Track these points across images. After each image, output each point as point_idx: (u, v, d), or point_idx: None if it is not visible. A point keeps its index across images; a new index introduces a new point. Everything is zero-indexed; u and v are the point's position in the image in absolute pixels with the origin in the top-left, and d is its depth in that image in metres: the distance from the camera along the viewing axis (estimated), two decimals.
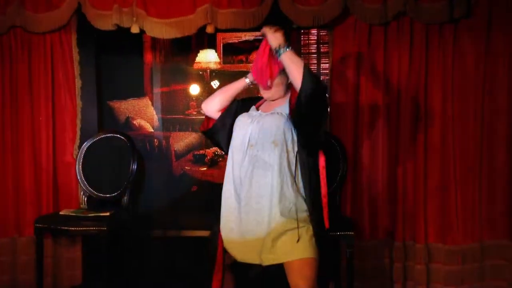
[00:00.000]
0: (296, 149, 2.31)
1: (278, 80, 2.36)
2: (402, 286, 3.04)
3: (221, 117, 2.51)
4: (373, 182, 3.05)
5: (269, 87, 2.36)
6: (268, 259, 2.25)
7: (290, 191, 2.28)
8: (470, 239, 2.99)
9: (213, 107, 2.52)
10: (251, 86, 2.54)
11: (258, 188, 2.28)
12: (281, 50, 2.23)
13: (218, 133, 2.51)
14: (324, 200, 2.37)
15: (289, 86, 2.42)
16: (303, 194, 2.30)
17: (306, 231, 2.25)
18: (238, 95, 2.55)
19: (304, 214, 2.29)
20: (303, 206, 2.29)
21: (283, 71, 2.32)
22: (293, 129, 2.31)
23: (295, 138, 2.31)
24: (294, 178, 2.30)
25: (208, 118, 2.57)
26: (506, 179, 2.99)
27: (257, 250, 2.26)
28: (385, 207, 3.04)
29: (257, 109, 2.49)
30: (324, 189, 2.36)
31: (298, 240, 2.22)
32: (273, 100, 2.43)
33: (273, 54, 2.27)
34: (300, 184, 2.31)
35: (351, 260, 2.73)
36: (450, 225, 3.00)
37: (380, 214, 3.04)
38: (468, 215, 3.00)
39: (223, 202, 2.40)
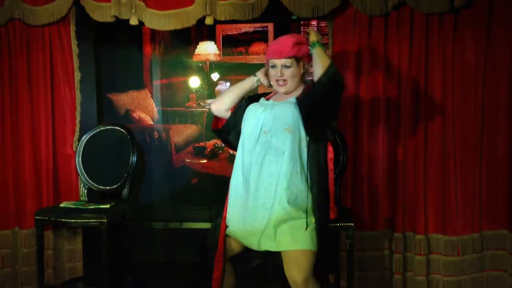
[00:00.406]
0: (307, 137, 2.35)
1: (292, 71, 2.40)
2: (402, 276, 3.05)
3: (232, 115, 2.53)
4: (373, 173, 3.05)
5: (283, 56, 2.38)
6: (266, 245, 2.27)
7: (298, 178, 2.31)
8: (470, 229, 3.00)
9: (222, 107, 2.54)
10: (259, 84, 2.56)
11: (268, 174, 2.31)
12: (317, 44, 2.37)
13: (231, 132, 2.54)
14: (331, 191, 2.39)
15: (303, 81, 2.47)
16: (310, 184, 2.32)
17: (308, 222, 2.26)
18: (246, 94, 2.58)
19: (309, 204, 2.30)
20: (309, 195, 2.32)
21: (299, 61, 2.38)
22: None
23: None
24: (303, 166, 2.33)
25: (217, 118, 2.59)
26: (506, 170, 2.99)
27: (258, 235, 2.29)
28: (385, 198, 3.04)
29: (267, 100, 2.52)
30: (331, 182, 2.39)
31: (306, 228, 2.25)
32: (287, 94, 2.46)
33: (308, 45, 2.40)
34: (309, 173, 2.34)
35: (351, 251, 2.73)
36: (450, 215, 3.00)
37: (380, 205, 3.04)
38: (468, 206, 3.00)
39: (231, 191, 2.42)
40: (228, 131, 2.55)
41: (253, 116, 2.41)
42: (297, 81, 2.43)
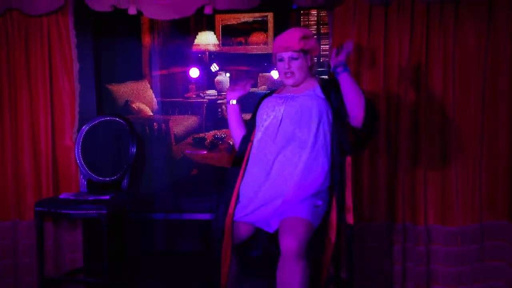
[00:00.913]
0: (331, 130, 2.39)
1: (300, 63, 2.41)
2: (402, 267, 3.05)
3: (243, 140, 2.56)
4: (373, 164, 3.03)
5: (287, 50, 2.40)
6: (276, 223, 2.28)
7: (318, 170, 2.34)
8: (470, 220, 2.99)
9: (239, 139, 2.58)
10: (237, 104, 2.56)
11: (290, 165, 2.32)
12: (342, 68, 2.33)
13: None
14: (348, 197, 2.41)
15: (311, 74, 2.49)
16: (329, 178, 2.35)
17: (315, 202, 2.29)
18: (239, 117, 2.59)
19: (322, 194, 2.34)
20: (324, 186, 2.35)
21: (306, 53, 2.41)
22: (329, 111, 2.39)
23: (331, 120, 2.39)
24: (324, 159, 2.36)
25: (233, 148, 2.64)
26: (506, 161, 2.98)
27: (269, 219, 2.31)
28: (385, 189, 3.03)
29: (279, 93, 2.53)
30: (348, 189, 2.41)
31: (316, 206, 2.28)
32: (296, 86, 2.47)
33: (333, 71, 2.38)
34: (328, 167, 2.37)
35: (351, 242, 2.73)
36: (450, 206, 2.99)
37: (379, 196, 3.03)
38: (468, 196, 2.99)
39: (244, 182, 2.42)
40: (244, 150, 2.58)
41: (272, 108, 2.42)
42: (305, 73, 2.45)
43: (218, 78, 3.87)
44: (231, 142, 2.67)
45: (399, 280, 3.05)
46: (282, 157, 2.34)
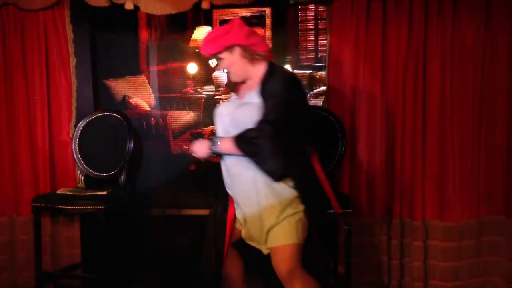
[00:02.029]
0: None
1: (228, 61, 2.21)
2: (399, 262, 3.05)
3: None
4: (371, 159, 3.04)
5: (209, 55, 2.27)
6: (266, 250, 2.26)
7: (278, 186, 2.19)
8: (467, 215, 2.99)
9: None
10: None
11: (246, 181, 2.20)
12: (213, 148, 2.20)
13: None
14: (328, 189, 2.31)
15: (258, 62, 2.24)
16: (291, 183, 2.22)
17: (293, 216, 2.20)
18: None
19: (293, 203, 2.22)
20: (292, 194, 2.21)
21: (230, 50, 2.20)
22: None
23: None
24: None
25: None
26: (504, 155, 2.98)
27: (257, 242, 2.28)
28: (383, 184, 3.03)
29: (236, 94, 2.40)
30: (325, 182, 2.30)
31: (297, 223, 2.19)
32: (244, 83, 2.29)
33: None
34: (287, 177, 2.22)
35: (349, 237, 2.74)
36: (448, 201, 3.00)
37: (377, 191, 3.03)
38: (465, 192, 2.99)
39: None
40: None
41: (220, 119, 2.29)
42: (242, 68, 2.22)
43: (216, 73, 3.86)
44: None
45: (397, 275, 3.05)
46: (237, 174, 2.21)
